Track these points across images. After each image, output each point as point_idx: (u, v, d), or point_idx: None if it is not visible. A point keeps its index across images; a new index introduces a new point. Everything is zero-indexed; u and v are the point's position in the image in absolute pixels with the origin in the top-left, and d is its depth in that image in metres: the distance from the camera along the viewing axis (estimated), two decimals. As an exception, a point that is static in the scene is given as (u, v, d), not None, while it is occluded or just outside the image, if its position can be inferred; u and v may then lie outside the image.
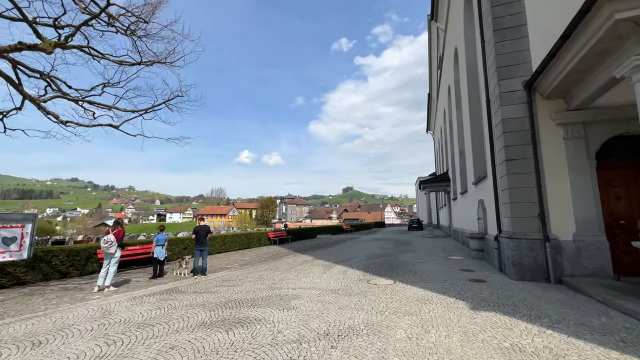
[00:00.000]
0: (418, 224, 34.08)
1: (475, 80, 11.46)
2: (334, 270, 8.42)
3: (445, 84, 20.16)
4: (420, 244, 15.61)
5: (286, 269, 8.97)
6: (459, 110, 15.60)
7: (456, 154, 16.85)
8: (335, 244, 17.38)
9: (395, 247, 14.29)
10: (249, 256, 12.91)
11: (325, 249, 14.58)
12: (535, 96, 6.87)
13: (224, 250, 14.39)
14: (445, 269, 8.09)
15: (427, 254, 11.46)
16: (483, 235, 9.55)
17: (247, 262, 11.02)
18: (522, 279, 6.40)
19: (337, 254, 12.47)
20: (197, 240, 8.28)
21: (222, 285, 7.03)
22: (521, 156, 6.78)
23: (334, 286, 6.44)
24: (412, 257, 10.53)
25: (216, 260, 12.05)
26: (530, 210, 6.56)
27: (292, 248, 15.93)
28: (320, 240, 20.89)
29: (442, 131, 24.63)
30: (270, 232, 17.98)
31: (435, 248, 13.47)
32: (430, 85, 30.61)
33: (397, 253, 11.97)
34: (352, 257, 11.27)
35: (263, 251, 14.74)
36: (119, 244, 6.90)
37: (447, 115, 20.23)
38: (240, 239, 15.49)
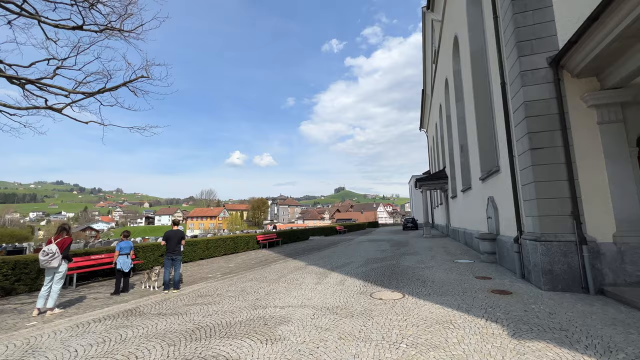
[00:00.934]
0: (413, 223, 33.27)
1: (481, 67, 10.52)
2: (330, 280, 7.28)
3: (442, 78, 19.29)
4: (420, 245, 14.62)
5: (275, 279, 7.79)
6: (459, 102, 14.69)
7: (456, 149, 15.95)
8: (329, 247, 16.26)
9: (394, 249, 13.25)
10: (235, 263, 11.66)
11: (319, 253, 13.45)
12: (562, 74, 5.88)
13: (208, 256, 13.09)
14: (458, 276, 7.05)
15: (431, 257, 10.44)
16: (495, 236, 8.57)
17: (231, 271, 9.78)
18: (553, 289, 5.39)
19: (332, 258, 11.34)
20: (167, 248, 7.02)
21: (196, 302, 5.81)
22: (548, 144, 5.78)
23: (331, 302, 5.31)
24: (416, 261, 9.48)
25: (197, 268, 10.77)
26: (562, 208, 5.56)
27: (283, 252, 14.74)
28: (313, 243, 19.73)
29: (438, 127, 23.81)
30: (259, 235, 16.74)
31: (437, 250, 12.48)
32: (424, 81, 29.83)
33: (398, 256, 10.92)
34: (349, 262, 10.16)
35: (251, 256, 13.49)
36: (65, 255, 5.58)
37: (444, 110, 19.36)
38: (225, 243, 14.21)
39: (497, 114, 8.06)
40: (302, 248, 16.37)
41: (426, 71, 28.52)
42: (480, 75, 10.58)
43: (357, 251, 13.32)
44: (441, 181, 20.60)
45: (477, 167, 10.71)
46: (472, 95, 10.86)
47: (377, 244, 16.30)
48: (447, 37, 16.06)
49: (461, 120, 14.64)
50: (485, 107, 10.32)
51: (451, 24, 14.53)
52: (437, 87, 22.73)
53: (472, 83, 10.72)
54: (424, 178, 21.52)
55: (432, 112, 27.65)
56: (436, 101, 23.94)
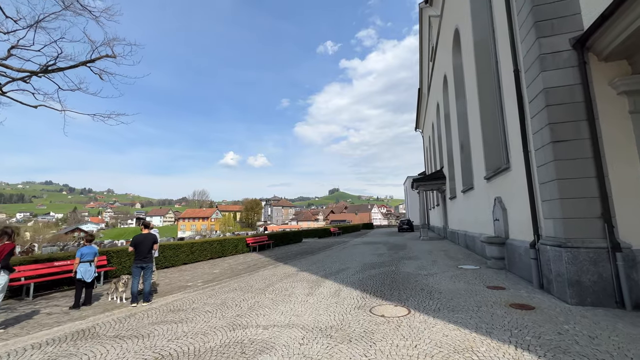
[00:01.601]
0: (409, 225, 32.65)
1: (486, 58, 9.85)
2: (323, 290, 6.45)
3: (440, 75, 18.68)
4: (418, 248, 13.89)
5: (261, 288, 6.93)
6: (459, 99, 14.04)
7: (455, 148, 15.30)
8: (323, 250, 15.43)
9: (392, 253, 12.49)
10: (220, 268, 10.75)
11: (312, 257, 12.61)
12: (588, 57, 5.17)
13: (192, 260, 12.14)
14: (466, 285, 6.29)
15: (432, 261, 9.69)
16: (503, 240, 7.85)
17: (215, 278, 8.88)
18: (581, 303, 4.66)
19: (326, 263, 10.52)
20: (137, 254, 6.10)
21: (164, 320, 4.92)
22: (573, 136, 5.06)
23: (324, 321, 4.48)
24: (417, 267, 8.71)
25: (178, 274, 9.83)
26: (589, 209, 4.83)
27: (274, 256, 13.86)
28: (306, 245, 18.87)
29: (435, 127, 23.23)
30: (249, 238, 15.81)
31: (438, 253, 11.75)
32: (420, 80, 29.28)
33: (397, 261, 10.14)
34: (344, 267, 9.35)
35: (239, 261, 12.58)
36: (4, 265, 4.65)
37: (443, 108, 18.74)
38: (212, 246, 13.26)
39: (508, 105, 7.36)
40: (295, 251, 15.50)
41: (423, 70, 27.97)
42: (484, 66, 9.91)
43: (353, 255, 12.51)
44: (438, 181, 19.96)
45: (481, 165, 10.02)
46: (475, 89, 10.17)
47: (374, 247, 15.53)
48: (446, 31, 15.43)
49: (462, 117, 13.99)
50: (490, 100, 9.64)
51: (451, 16, 13.88)
52: (434, 85, 22.14)
53: (476, 75, 10.04)
54: (421, 178, 20.86)
55: (429, 112, 27.09)
56: (433, 100, 23.36)
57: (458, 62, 14.15)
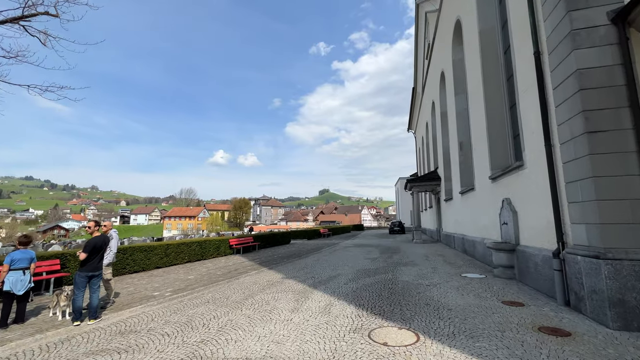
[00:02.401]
0: (400, 227, 32.00)
1: (492, 47, 9.10)
2: (312, 304, 5.47)
3: (437, 72, 17.99)
4: (413, 252, 13.07)
5: (238, 301, 5.89)
6: (459, 95, 13.32)
7: (453, 148, 14.59)
8: (312, 253, 14.45)
9: (386, 257, 11.61)
10: (197, 273, 9.62)
11: (300, 261, 11.60)
12: (630, 33, 4.38)
13: (167, 264, 10.95)
14: (477, 299, 5.41)
15: (432, 268, 8.83)
16: (513, 246, 7.03)
17: (188, 285, 7.77)
18: (627, 328, 3.83)
19: (315, 268, 9.54)
20: (85, 261, 4.96)
21: (106, 349, 3.84)
22: (612, 126, 4.24)
23: (311, 351, 3.50)
24: (416, 275, 7.83)
25: (147, 280, 8.66)
26: (635, 213, 4.02)
27: (258, 259, 12.78)
28: (294, 248, 17.83)
29: (430, 126, 22.60)
30: (232, 239, 14.66)
31: (435, 259, 10.93)
32: (415, 78, 28.69)
33: (392, 267, 9.25)
34: (335, 274, 8.39)
35: (219, 264, 11.46)
36: None
37: (439, 107, 18.06)
38: (190, 248, 12.07)
39: (523, 96, 6.55)
40: (282, 254, 14.46)
41: (418, 69, 27.38)
42: (490, 57, 9.14)
43: (344, 259, 11.57)
44: (433, 182, 19.27)
45: (485, 164, 9.23)
46: (479, 83, 9.39)
47: (366, 250, 14.64)
48: (445, 25, 14.70)
49: (461, 115, 13.26)
50: (496, 94, 8.88)
51: (452, 8, 13.14)
52: (429, 84, 21.49)
53: (481, 68, 9.25)
54: (415, 179, 20.14)
55: (423, 111, 26.49)
56: (428, 99, 22.72)
57: (458, 56, 13.43)
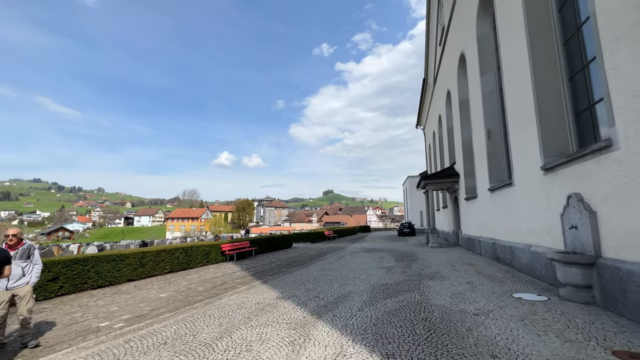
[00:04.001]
0: (410, 228, 29.97)
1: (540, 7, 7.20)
2: (315, 351, 3.63)
3: (454, 56, 16.09)
4: (434, 260, 11.16)
5: (208, 342, 4.08)
6: (487, 75, 11.44)
7: (478, 138, 12.64)
8: (316, 259, 12.61)
9: (403, 266, 9.73)
10: (173, 290, 7.83)
11: (301, 271, 9.77)
12: None
13: (142, 275, 9.18)
14: (568, 347, 3.51)
15: (467, 284, 6.92)
16: (592, 259, 5.11)
17: (152, 311, 5.97)
18: None
19: (320, 282, 7.69)
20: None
21: None
22: None
23: None
24: (452, 296, 5.93)
25: (106, 300, 6.89)
26: None
27: (253, 268, 10.98)
28: (295, 253, 16.00)
29: (444, 119, 20.64)
30: (225, 244, 12.87)
31: (464, 268, 9.01)
32: (426, 69, 26.73)
33: (416, 281, 7.37)
34: (345, 292, 6.54)
35: (205, 276, 9.67)
36: None
37: (456, 94, 16.13)
38: (173, 256, 10.30)
39: (612, 47, 4.62)
40: (281, 261, 12.65)
41: (429, 58, 25.41)
42: (539, 18, 7.23)
43: (354, 269, 9.71)
44: (450, 180, 17.31)
45: (533, 152, 7.31)
46: (523, 52, 7.47)
47: (377, 257, 12.75)
48: None
49: (490, 97, 11.37)
50: (551, 61, 6.97)
51: (478, -26, 11.24)
52: (444, 71, 19.55)
53: (526, 33, 7.32)
54: (430, 176, 18.18)
55: (435, 104, 24.53)
56: (442, 88, 20.77)
57: (484, 31, 11.56)
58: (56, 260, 7.06)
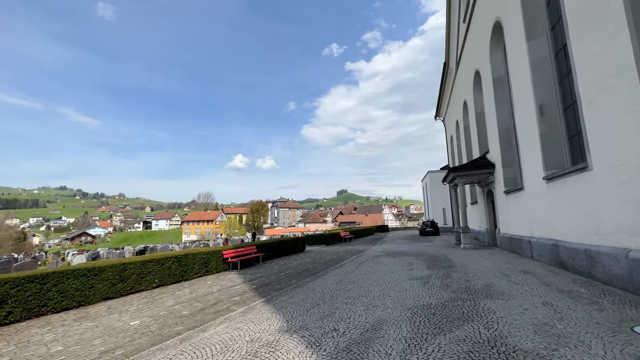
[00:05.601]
0: (433, 227, 27.59)
1: None
2: None
3: (485, 28, 13.90)
4: (475, 266, 9.09)
5: None
6: (536, 39, 9.35)
7: (524, 117, 10.46)
8: (332, 267, 10.78)
9: (441, 276, 7.74)
10: (149, 314, 6.19)
11: (314, 283, 7.97)
12: None
13: (123, 292, 7.63)
14: None
15: (547, 307, 4.91)
16: None
17: (103, 353, 4.33)
18: None
19: (338, 302, 5.87)
20: None
21: None
22: None
23: None
24: (538, 332, 3.97)
25: (63, 330, 5.32)
26: None
27: (257, 280, 9.28)
28: (309, 258, 14.22)
29: (471, 104, 18.35)
30: (227, 251, 11.21)
31: (522, 279, 6.94)
32: (446, 52, 24.37)
33: (468, 301, 5.42)
34: (375, 322, 4.68)
35: (198, 292, 8.02)
36: None
37: (489, 73, 13.92)
38: (163, 267, 8.72)
39: None
40: (291, 269, 10.91)
41: (451, 39, 23.06)
42: None
43: (379, 280, 7.81)
44: (483, 171, 15.06)
45: (627, 125, 5.21)
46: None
47: (404, 262, 10.78)
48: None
49: (541, 65, 9.23)
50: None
51: None
52: (471, 49, 17.26)
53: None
54: (460, 167, 15.97)
55: (459, 89, 22.18)
56: (468, 70, 18.48)
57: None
58: (3, 279, 5.55)
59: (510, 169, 12.96)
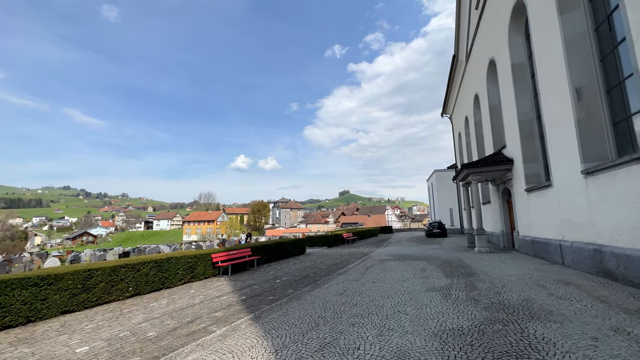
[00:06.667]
0: (440, 228, 26.25)
1: None
2: None
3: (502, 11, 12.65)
4: (500, 274, 7.83)
5: None
6: (569, 13, 8.07)
7: (555, 104, 9.20)
8: (334, 273, 9.55)
9: (465, 287, 6.50)
10: (106, 337, 4.99)
11: (314, 294, 6.75)
12: None
13: (87, 304, 6.45)
14: None
15: (627, 338, 3.67)
16: None
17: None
18: None
19: (342, 324, 4.64)
20: None
21: None
22: None
23: None
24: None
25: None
26: None
27: (248, 288, 8.07)
28: (309, 262, 12.99)
29: (484, 97, 17.08)
30: (217, 254, 10.00)
31: (570, 293, 5.68)
32: (456, 43, 23.08)
33: (512, 325, 4.18)
34: (394, 354, 3.46)
35: (177, 304, 6.82)
36: None
37: (508, 59, 12.67)
38: (139, 273, 7.51)
39: None
40: (289, 275, 9.70)
41: (460, 29, 21.78)
42: None
43: (391, 291, 6.58)
44: (500, 167, 13.78)
45: None
46: None
47: (416, 268, 9.52)
48: None
49: (577, 43, 7.99)
50: None
51: None
52: (486, 36, 15.99)
53: None
54: (475, 164, 14.67)
55: (469, 82, 20.89)
56: (480, 60, 17.20)
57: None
58: None
59: (532, 165, 11.69)
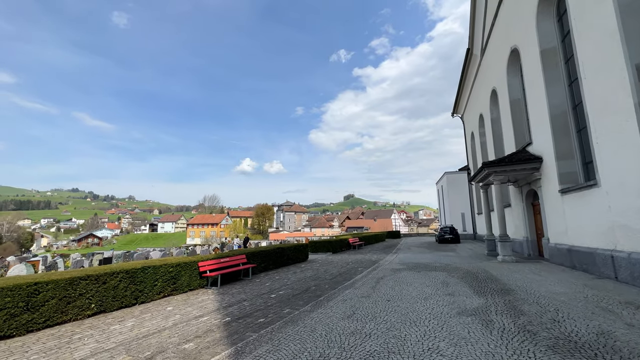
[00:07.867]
0: (453, 234, 24.62)
1: None
2: None
3: None
4: (545, 292, 6.36)
5: None
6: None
7: (603, 89, 7.76)
8: (340, 286, 8.16)
9: (509, 311, 5.08)
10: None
11: (315, 316, 5.38)
12: None
13: (31, 326, 5.17)
14: None
15: None
16: None
17: None
18: None
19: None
20: None
21: None
22: None
23: None
24: None
25: None
26: None
27: (236, 306, 6.73)
28: (311, 271, 11.60)
29: (502, 92, 15.64)
30: (205, 262, 8.68)
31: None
32: (470, 36, 21.67)
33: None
34: None
35: (144, 328, 5.51)
36: None
37: (536, 45, 11.25)
38: (105, 286, 6.22)
39: None
40: (286, 288, 8.34)
41: (476, 20, 20.38)
42: None
43: (414, 317, 5.18)
44: (527, 166, 12.28)
45: None
46: None
47: (436, 281, 8.08)
48: None
49: (634, 9, 6.57)
50: None
51: None
52: (507, 24, 14.59)
53: None
54: (498, 162, 13.15)
55: (484, 78, 19.43)
56: (499, 52, 15.79)
57: None
58: None
59: (567, 162, 10.22)
